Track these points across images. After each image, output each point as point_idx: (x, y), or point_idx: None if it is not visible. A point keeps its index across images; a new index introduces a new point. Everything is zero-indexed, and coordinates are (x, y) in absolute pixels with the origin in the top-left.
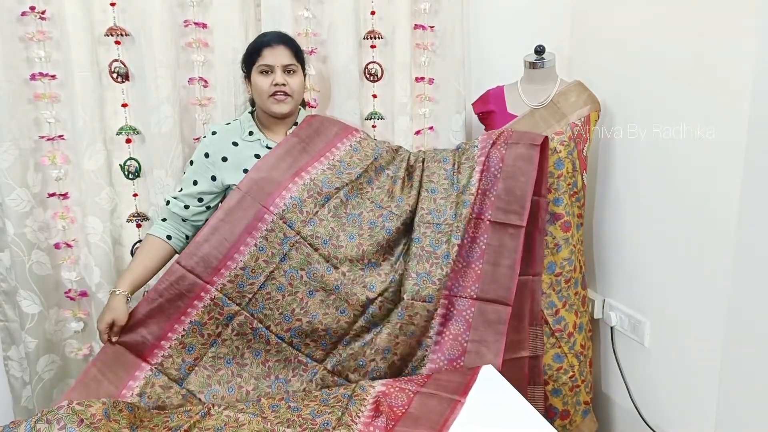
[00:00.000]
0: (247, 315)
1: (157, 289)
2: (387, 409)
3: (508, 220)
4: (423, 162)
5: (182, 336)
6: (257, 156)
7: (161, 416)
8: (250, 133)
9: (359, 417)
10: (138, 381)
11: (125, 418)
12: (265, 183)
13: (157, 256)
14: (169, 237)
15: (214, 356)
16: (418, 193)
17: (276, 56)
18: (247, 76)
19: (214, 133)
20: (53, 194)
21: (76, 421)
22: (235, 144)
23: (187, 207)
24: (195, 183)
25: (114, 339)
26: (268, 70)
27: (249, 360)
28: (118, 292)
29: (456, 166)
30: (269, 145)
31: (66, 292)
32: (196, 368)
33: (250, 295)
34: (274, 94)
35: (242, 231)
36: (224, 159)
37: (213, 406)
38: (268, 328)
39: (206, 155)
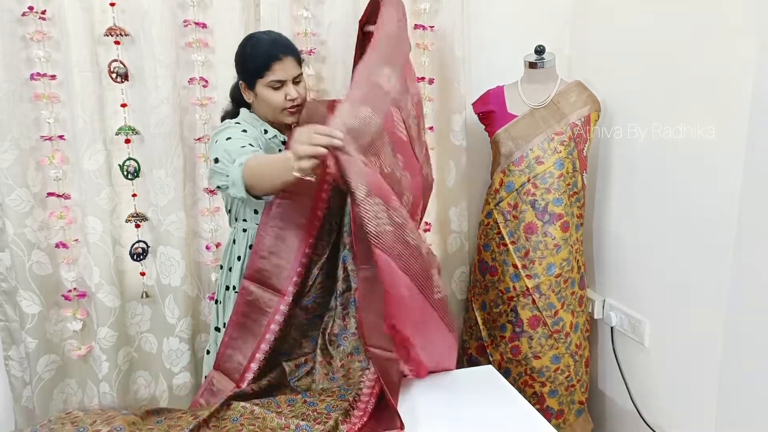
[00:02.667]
0: None
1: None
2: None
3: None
4: None
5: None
6: (280, 151)
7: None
8: (265, 131)
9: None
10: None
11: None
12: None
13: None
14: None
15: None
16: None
17: (287, 70)
18: (248, 85)
19: (237, 123)
20: (53, 194)
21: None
22: (264, 131)
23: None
24: (251, 145)
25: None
26: (279, 86)
27: None
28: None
29: None
30: (284, 141)
31: (66, 292)
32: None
33: None
34: (289, 107)
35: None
36: (264, 131)
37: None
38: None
39: (244, 131)
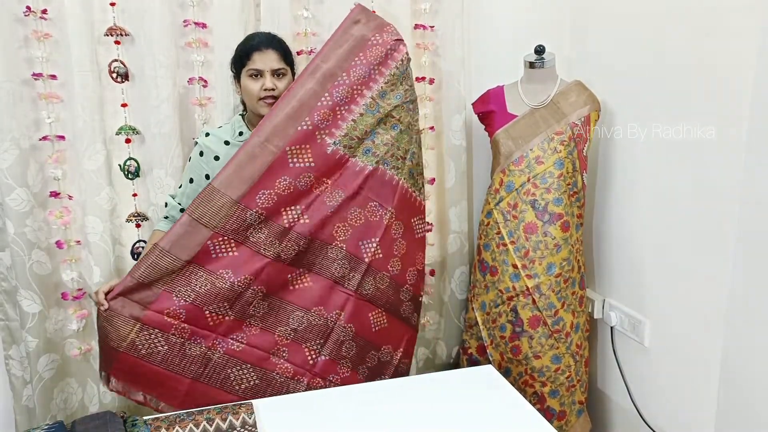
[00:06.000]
0: None
1: None
2: None
3: None
4: None
5: None
6: None
7: None
8: (240, 134)
9: None
10: None
11: None
12: None
13: None
14: None
15: None
16: None
17: (265, 61)
18: (237, 76)
19: (207, 134)
20: (53, 194)
21: None
22: (226, 143)
23: (183, 211)
24: (191, 180)
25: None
26: (257, 74)
27: None
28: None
29: None
30: None
31: (66, 292)
32: None
33: None
34: (264, 98)
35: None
36: (216, 158)
37: None
38: None
39: (200, 154)
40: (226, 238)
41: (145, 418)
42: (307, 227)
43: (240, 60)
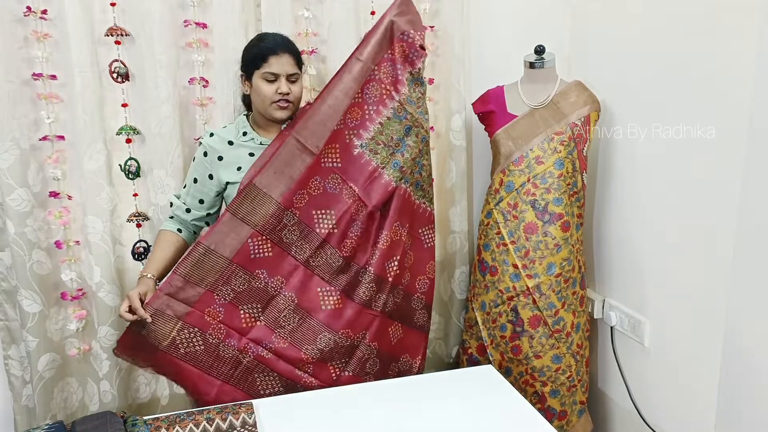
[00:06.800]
0: None
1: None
2: None
3: None
4: None
5: None
6: (251, 154)
7: None
8: (244, 134)
9: None
10: None
11: None
12: None
13: (173, 248)
14: (179, 230)
15: None
16: None
17: (282, 65)
18: (247, 76)
19: (211, 134)
20: (53, 194)
21: None
22: (230, 143)
23: (188, 210)
24: (195, 180)
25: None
26: (273, 79)
27: None
28: (148, 276)
29: None
30: (263, 142)
31: (65, 292)
32: None
33: None
34: (278, 101)
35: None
36: (220, 158)
37: None
38: None
39: (204, 154)
40: (264, 237)
41: (145, 418)
42: (336, 238)
43: (254, 62)
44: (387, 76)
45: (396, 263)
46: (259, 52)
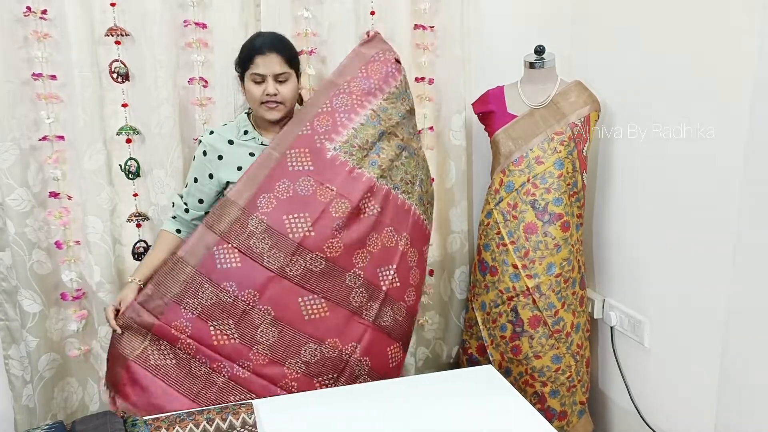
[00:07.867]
0: None
1: None
2: None
3: None
4: None
5: None
6: (252, 154)
7: None
8: (245, 132)
9: None
10: None
11: None
12: None
13: (167, 251)
14: (179, 231)
15: None
16: None
17: (268, 65)
18: (240, 77)
19: (211, 132)
20: (53, 194)
21: None
22: (230, 142)
23: (187, 210)
24: (195, 180)
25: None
26: (260, 80)
27: None
28: (131, 281)
29: None
30: (264, 143)
31: (65, 292)
32: None
33: None
34: (266, 102)
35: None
36: (220, 157)
37: None
38: None
39: (204, 153)
40: (230, 246)
41: (145, 418)
42: (313, 241)
43: (243, 63)
44: (358, 89)
45: (392, 273)
46: (246, 53)
